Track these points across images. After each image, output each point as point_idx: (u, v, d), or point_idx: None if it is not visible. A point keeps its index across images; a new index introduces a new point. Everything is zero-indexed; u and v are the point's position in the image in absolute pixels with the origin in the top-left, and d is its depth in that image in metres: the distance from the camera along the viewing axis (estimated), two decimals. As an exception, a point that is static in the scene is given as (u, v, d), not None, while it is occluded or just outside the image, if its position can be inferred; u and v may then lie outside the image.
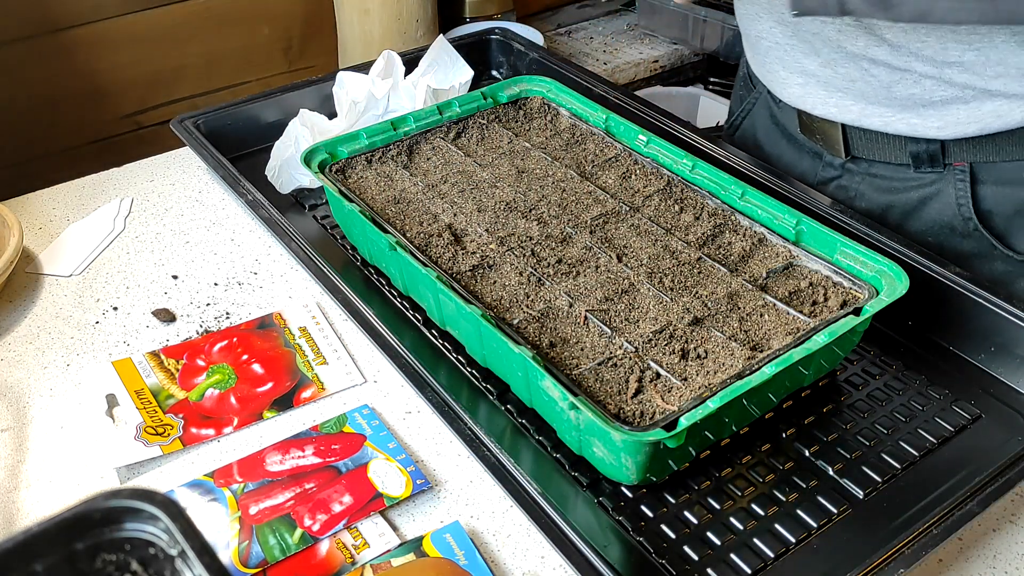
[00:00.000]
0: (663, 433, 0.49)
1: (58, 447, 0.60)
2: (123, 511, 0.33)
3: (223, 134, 0.87)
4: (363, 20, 1.27)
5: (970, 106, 0.68)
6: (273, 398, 0.63)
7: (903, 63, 0.68)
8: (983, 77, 0.66)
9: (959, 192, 0.72)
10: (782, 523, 0.53)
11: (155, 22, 1.26)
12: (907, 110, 0.71)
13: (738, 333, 0.57)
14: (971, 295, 0.63)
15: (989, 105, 0.68)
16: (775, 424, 0.59)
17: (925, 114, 0.70)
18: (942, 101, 0.69)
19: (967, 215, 0.72)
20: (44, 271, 0.75)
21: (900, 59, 0.68)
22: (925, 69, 0.67)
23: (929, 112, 0.70)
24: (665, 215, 0.68)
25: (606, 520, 0.53)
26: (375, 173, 0.74)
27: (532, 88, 0.83)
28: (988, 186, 0.71)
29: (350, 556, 0.52)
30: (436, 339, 0.66)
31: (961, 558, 0.53)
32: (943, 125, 0.70)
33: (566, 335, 0.58)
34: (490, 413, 0.61)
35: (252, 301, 0.72)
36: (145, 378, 0.64)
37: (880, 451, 0.57)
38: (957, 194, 0.72)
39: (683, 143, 0.79)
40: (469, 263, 0.63)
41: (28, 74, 1.19)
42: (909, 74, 0.69)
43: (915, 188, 0.75)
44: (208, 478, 0.56)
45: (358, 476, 0.56)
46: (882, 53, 0.68)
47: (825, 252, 0.63)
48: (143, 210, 0.83)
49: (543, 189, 0.71)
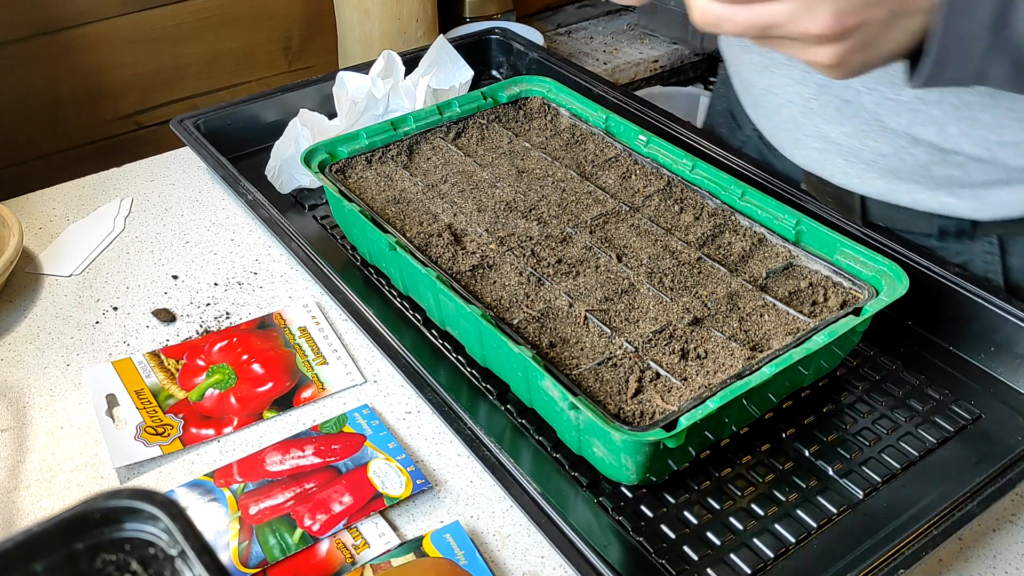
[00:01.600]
0: (663, 433, 0.49)
1: (58, 447, 0.60)
2: (123, 511, 0.33)
3: (223, 134, 0.87)
4: (363, 20, 1.27)
5: (1013, 188, 0.63)
6: (273, 398, 0.63)
7: (951, 144, 0.62)
8: None
9: (988, 266, 0.68)
10: (782, 523, 0.53)
11: (155, 22, 1.26)
12: (941, 188, 0.65)
13: (738, 333, 0.57)
14: (971, 295, 0.63)
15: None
16: (775, 424, 0.59)
17: (962, 195, 0.65)
18: (983, 184, 0.64)
19: (996, 285, 0.68)
20: (44, 271, 0.75)
21: (948, 139, 0.62)
22: (975, 151, 0.62)
23: (967, 193, 0.65)
24: (665, 215, 0.68)
25: (606, 520, 0.53)
26: (375, 173, 0.74)
27: (532, 88, 0.83)
28: (1016, 257, 0.67)
29: (350, 556, 0.52)
30: (436, 339, 0.66)
31: (961, 558, 0.53)
32: (981, 207, 0.65)
33: (566, 335, 0.58)
34: (490, 413, 0.61)
35: (252, 301, 0.72)
36: (145, 378, 0.64)
37: (880, 451, 0.57)
38: (987, 268, 0.68)
39: (683, 143, 0.79)
40: (469, 263, 0.63)
41: (28, 74, 1.19)
42: (955, 155, 0.63)
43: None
44: (208, 478, 0.56)
45: (358, 476, 0.56)
46: (928, 132, 0.62)
47: (825, 252, 0.63)
48: (143, 210, 0.83)
49: (543, 189, 0.71)
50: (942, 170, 0.64)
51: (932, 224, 0.69)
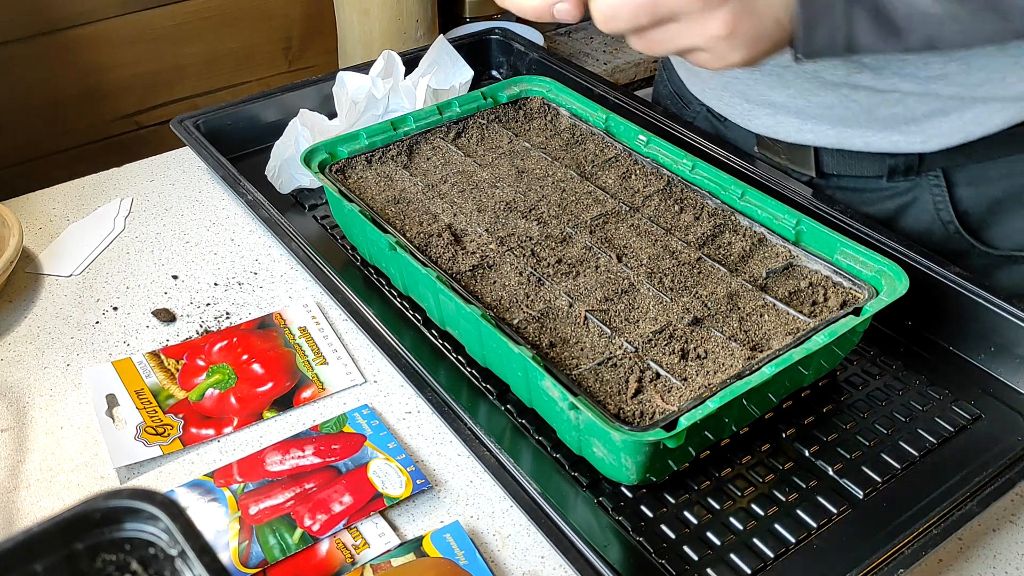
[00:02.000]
0: (663, 433, 0.49)
1: (58, 447, 0.60)
2: (123, 511, 0.33)
3: (223, 134, 0.87)
4: (363, 20, 1.27)
5: (951, 117, 0.68)
6: (273, 398, 0.63)
7: (887, 84, 0.67)
8: (968, 86, 0.66)
9: (937, 198, 0.72)
10: (782, 523, 0.53)
11: (155, 22, 1.26)
12: (889, 128, 0.70)
13: (738, 333, 0.57)
14: (971, 295, 0.63)
15: (970, 114, 0.68)
16: (775, 424, 0.59)
17: (908, 131, 0.70)
18: (925, 116, 0.69)
19: (947, 219, 0.73)
20: (44, 271, 0.75)
21: (883, 81, 0.67)
22: (909, 87, 0.67)
23: (912, 128, 0.70)
24: (665, 215, 0.68)
25: (606, 520, 0.53)
26: (375, 173, 0.74)
27: (532, 88, 0.83)
28: (962, 188, 0.72)
29: (350, 556, 0.52)
30: (436, 339, 0.66)
31: (961, 558, 0.53)
32: (926, 139, 0.70)
33: (566, 335, 0.58)
34: (490, 413, 0.61)
35: (252, 301, 0.72)
36: (145, 378, 0.64)
37: (880, 451, 0.57)
38: (935, 200, 0.72)
39: (683, 143, 0.79)
40: (469, 263, 0.63)
41: (28, 74, 1.19)
42: (892, 95, 0.68)
43: (889, 198, 0.75)
44: (208, 478, 0.56)
45: (358, 476, 0.56)
46: (864, 79, 0.68)
47: (825, 252, 0.63)
48: (143, 210, 0.83)
49: (543, 189, 0.71)
50: (885, 110, 0.69)
51: (881, 165, 0.73)
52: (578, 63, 1.28)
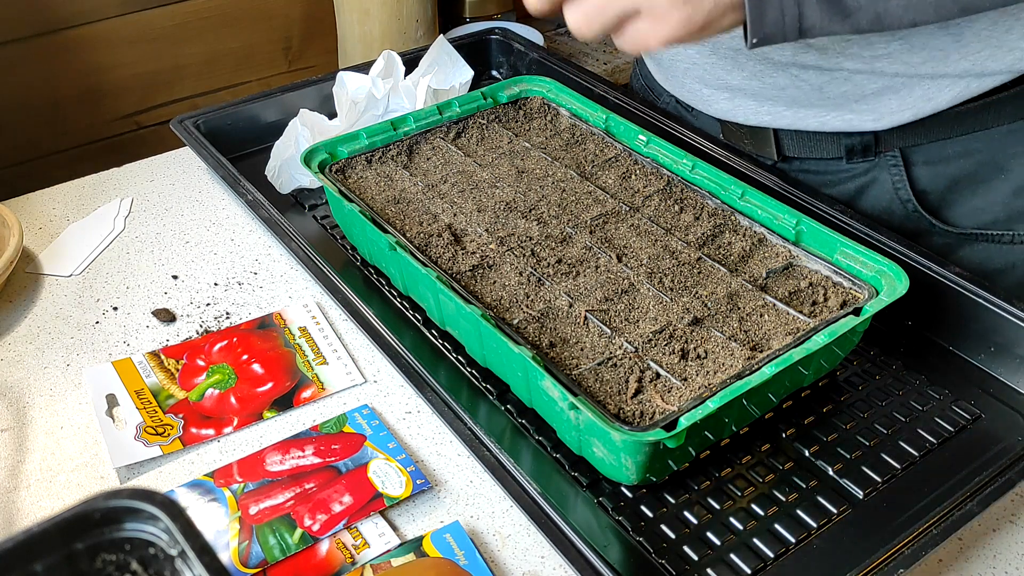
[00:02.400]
0: (663, 433, 0.49)
1: (58, 447, 0.60)
2: (123, 511, 0.33)
3: (223, 134, 0.87)
4: (363, 20, 1.27)
5: (900, 94, 0.69)
6: (273, 398, 0.63)
7: (832, 63, 0.69)
8: (911, 64, 0.67)
9: (895, 178, 0.74)
10: (782, 523, 0.53)
11: (155, 22, 1.26)
12: (841, 107, 0.72)
13: (738, 333, 0.57)
14: (971, 295, 0.63)
15: (919, 90, 0.69)
16: (775, 424, 0.59)
17: (859, 109, 0.71)
18: (874, 93, 0.70)
19: (906, 198, 0.74)
20: (44, 271, 0.75)
21: (829, 60, 0.69)
22: (855, 65, 0.68)
23: (863, 106, 0.71)
24: (665, 215, 0.68)
25: (606, 520, 0.53)
26: (375, 173, 0.74)
27: (532, 88, 0.83)
28: (920, 167, 0.73)
29: (350, 556, 0.52)
30: (436, 339, 0.66)
31: (961, 558, 0.53)
32: (878, 116, 0.71)
33: (566, 335, 0.58)
34: (490, 413, 0.61)
35: (252, 301, 0.72)
36: (145, 378, 0.64)
37: (880, 451, 0.57)
38: (893, 180, 0.74)
39: (683, 143, 0.79)
40: (469, 263, 0.63)
41: (28, 74, 1.19)
42: (839, 73, 0.69)
43: (849, 179, 0.76)
44: (208, 478, 0.56)
45: (358, 476, 0.56)
46: (810, 58, 0.69)
47: (825, 252, 0.63)
48: (143, 210, 0.83)
49: (543, 189, 0.71)
50: (834, 88, 0.70)
51: (839, 146, 0.75)
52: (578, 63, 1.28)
